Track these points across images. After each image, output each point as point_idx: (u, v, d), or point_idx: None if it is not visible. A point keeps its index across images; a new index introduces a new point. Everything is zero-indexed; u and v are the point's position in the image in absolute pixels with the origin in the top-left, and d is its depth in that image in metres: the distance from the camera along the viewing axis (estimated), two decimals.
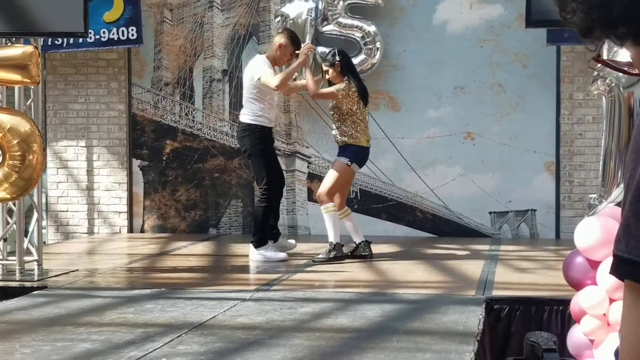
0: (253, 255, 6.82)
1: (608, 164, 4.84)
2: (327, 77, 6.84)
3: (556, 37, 8.07)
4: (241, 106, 9.01)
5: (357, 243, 6.90)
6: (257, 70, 6.66)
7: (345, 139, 6.74)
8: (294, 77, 6.90)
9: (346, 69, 6.77)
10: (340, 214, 6.88)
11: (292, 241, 7.21)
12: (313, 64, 7.16)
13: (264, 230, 6.80)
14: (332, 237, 6.76)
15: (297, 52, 6.72)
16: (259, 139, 6.72)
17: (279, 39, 6.78)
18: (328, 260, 6.68)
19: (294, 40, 6.80)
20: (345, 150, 6.76)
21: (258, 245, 6.78)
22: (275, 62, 6.77)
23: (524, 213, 8.57)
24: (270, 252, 6.78)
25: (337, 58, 6.73)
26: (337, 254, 6.74)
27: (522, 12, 6.04)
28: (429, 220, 8.75)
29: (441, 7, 8.63)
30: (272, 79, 6.56)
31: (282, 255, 6.83)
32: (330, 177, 6.83)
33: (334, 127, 6.84)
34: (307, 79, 6.77)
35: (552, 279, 5.76)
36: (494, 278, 6.05)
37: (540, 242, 8.28)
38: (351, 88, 6.69)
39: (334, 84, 6.76)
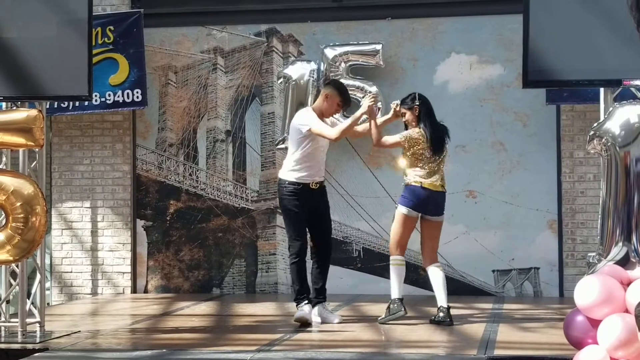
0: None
1: (606, 222, 4.85)
2: (403, 119, 6.75)
3: (555, 97, 8.17)
4: (244, 166, 9.16)
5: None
6: (304, 121, 6.53)
7: (404, 178, 6.64)
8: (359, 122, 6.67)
9: (424, 115, 6.63)
10: (428, 269, 6.72)
11: (336, 317, 6.76)
12: (379, 112, 7.18)
13: (295, 286, 6.65)
14: (391, 292, 6.60)
15: (344, 104, 6.65)
16: (283, 195, 6.59)
17: (325, 90, 6.68)
18: (388, 320, 6.52)
19: (341, 90, 6.68)
20: (401, 196, 6.64)
21: (297, 303, 6.65)
22: (322, 113, 6.63)
23: (527, 271, 8.56)
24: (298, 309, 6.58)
25: (417, 102, 6.64)
26: (394, 311, 6.53)
27: (521, 72, 6.12)
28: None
29: (441, 68, 8.76)
30: (329, 130, 6.44)
31: (300, 313, 6.53)
32: (392, 227, 6.69)
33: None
34: (372, 130, 6.63)
35: (555, 337, 5.74)
36: (496, 337, 6.03)
37: (543, 301, 8.26)
38: (419, 137, 6.56)
39: (411, 126, 6.68)
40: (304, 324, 6.52)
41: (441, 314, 6.58)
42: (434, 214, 6.68)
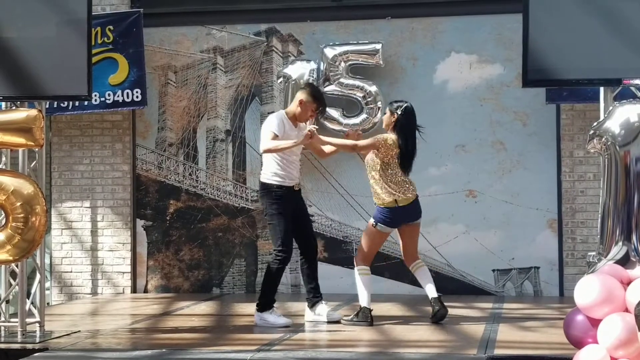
0: (256, 319, 6.66)
1: (606, 221, 4.86)
2: (384, 116, 6.75)
3: (555, 96, 8.17)
4: (244, 166, 9.15)
5: (430, 299, 6.65)
6: (266, 126, 6.55)
7: (374, 200, 6.65)
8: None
9: (400, 127, 6.58)
10: (411, 269, 6.79)
11: (338, 315, 6.79)
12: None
13: (269, 294, 6.63)
14: (360, 300, 6.63)
15: (318, 110, 6.62)
16: (274, 199, 6.55)
17: (300, 95, 6.61)
18: (353, 323, 6.54)
19: (316, 96, 6.61)
20: (375, 211, 6.64)
21: (261, 309, 6.61)
22: (296, 118, 6.61)
23: (527, 270, 8.56)
24: (272, 317, 6.58)
25: (398, 112, 6.59)
26: (360, 319, 6.55)
27: (521, 72, 6.12)
28: (432, 278, 8.70)
29: (441, 67, 8.75)
30: (264, 142, 6.44)
31: (284, 320, 6.57)
32: (361, 240, 6.78)
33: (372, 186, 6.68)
34: (336, 144, 6.70)
35: (555, 337, 5.74)
36: (496, 336, 6.03)
37: (544, 300, 8.26)
38: (393, 144, 6.52)
39: (386, 129, 6.68)
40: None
41: (437, 305, 6.58)
42: (414, 219, 6.70)
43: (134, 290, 9.13)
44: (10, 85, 6.14)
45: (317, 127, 6.60)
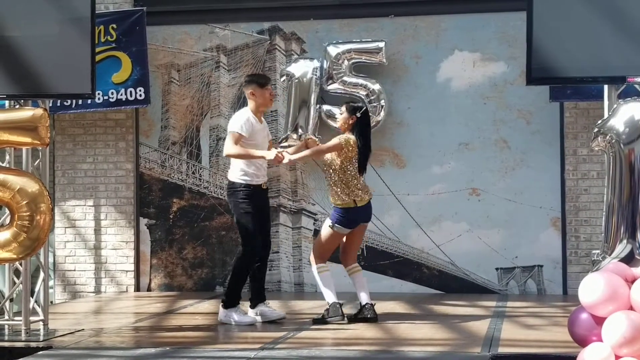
0: (221, 315, 6.64)
1: (611, 219, 4.85)
2: (338, 117, 6.78)
3: (559, 94, 8.15)
4: None
5: (362, 304, 6.67)
6: (232, 127, 6.56)
7: (332, 199, 6.66)
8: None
9: (359, 129, 6.63)
10: (348, 270, 6.78)
11: (280, 313, 6.78)
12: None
13: (235, 291, 6.61)
14: (326, 298, 6.63)
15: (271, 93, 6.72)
16: (243, 198, 6.56)
17: (247, 89, 6.69)
18: (325, 322, 6.52)
19: (259, 79, 6.74)
20: (333, 211, 6.67)
21: (226, 305, 6.61)
22: (258, 110, 6.65)
23: (530, 269, 8.55)
24: (237, 315, 6.58)
25: (357, 114, 6.63)
26: (332, 314, 6.53)
27: (525, 70, 6.12)
28: (436, 277, 8.73)
29: (444, 65, 8.74)
30: (230, 147, 6.48)
31: (249, 319, 6.58)
32: (317, 239, 6.82)
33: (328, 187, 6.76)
34: (302, 157, 6.73)
35: (559, 335, 5.74)
36: (500, 335, 6.02)
37: (547, 298, 8.25)
38: (354, 145, 6.56)
39: (342, 129, 6.71)
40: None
41: (368, 312, 6.60)
42: (366, 221, 6.75)
43: (137, 288, 9.14)
44: (14, 83, 6.14)
45: (289, 153, 6.64)
